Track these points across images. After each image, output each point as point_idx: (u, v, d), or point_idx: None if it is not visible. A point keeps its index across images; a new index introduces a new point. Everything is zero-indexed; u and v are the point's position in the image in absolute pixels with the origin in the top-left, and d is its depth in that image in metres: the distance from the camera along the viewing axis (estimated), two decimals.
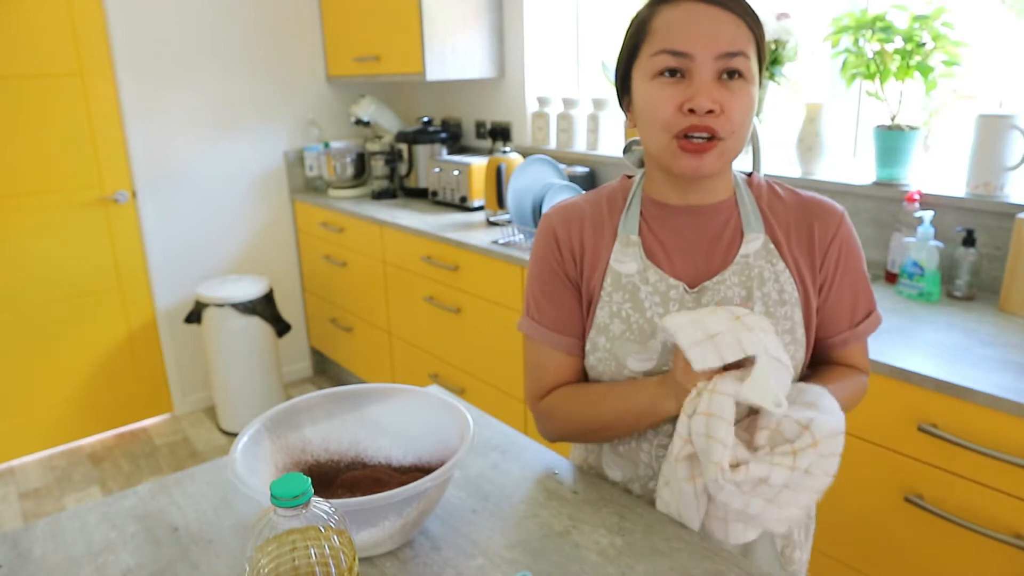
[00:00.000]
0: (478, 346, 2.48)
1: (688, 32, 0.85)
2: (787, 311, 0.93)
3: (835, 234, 0.96)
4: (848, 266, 0.97)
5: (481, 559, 0.86)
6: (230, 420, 3.13)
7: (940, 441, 1.32)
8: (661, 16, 0.87)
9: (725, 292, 0.93)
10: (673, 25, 0.86)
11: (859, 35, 1.86)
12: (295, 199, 3.44)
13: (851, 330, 0.99)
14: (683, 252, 0.96)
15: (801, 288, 0.95)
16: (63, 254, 2.91)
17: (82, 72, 2.82)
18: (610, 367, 0.96)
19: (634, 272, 0.95)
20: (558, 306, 1.01)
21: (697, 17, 0.85)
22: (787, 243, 0.95)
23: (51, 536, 0.92)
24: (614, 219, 0.99)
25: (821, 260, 0.96)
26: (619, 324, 0.95)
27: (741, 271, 0.94)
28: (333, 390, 1.02)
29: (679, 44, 0.85)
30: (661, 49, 0.86)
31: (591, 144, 2.74)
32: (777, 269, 0.94)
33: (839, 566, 1.55)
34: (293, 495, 0.62)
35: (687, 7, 0.86)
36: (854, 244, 0.98)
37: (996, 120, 1.70)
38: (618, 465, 1.02)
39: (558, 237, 1.00)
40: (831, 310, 0.98)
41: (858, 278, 0.99)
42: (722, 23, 0.85)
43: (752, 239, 0.95)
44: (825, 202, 0.97)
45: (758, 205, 0.97)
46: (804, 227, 0.96)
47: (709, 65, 0.85)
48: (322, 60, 3.42)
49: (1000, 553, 1.29)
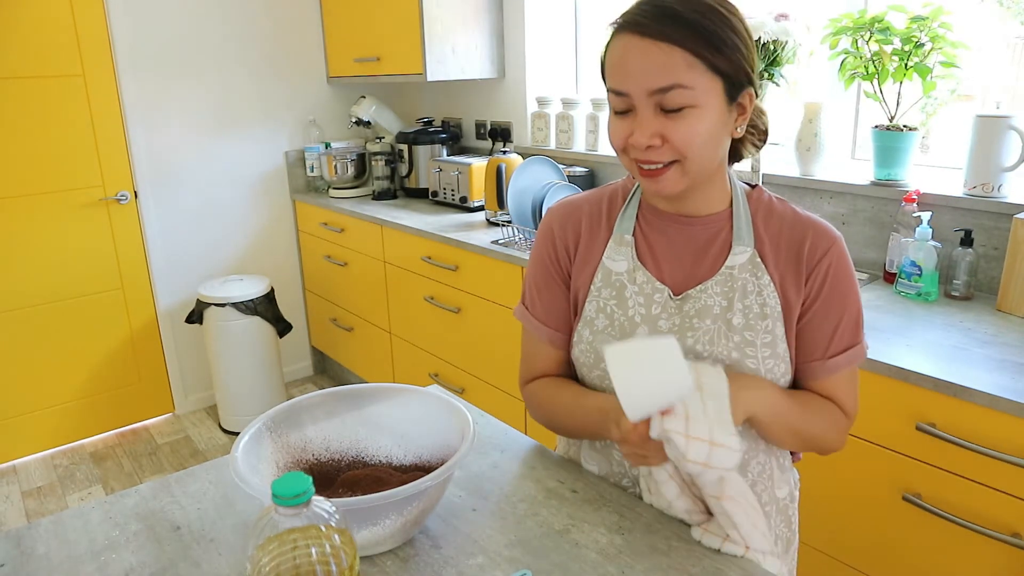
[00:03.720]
0: (478, 346, 2.48)
1: (624, 69, 0.85)
2: (768, 324, 0.93)
3: (823, 256, 0.93)
4: (834, 293, 0.93)
5: (481, 557, 0.87)
6: (231, 419, 3.13)
7: (938, 440, 1.33)
8: (609, 50, 0.88)
9: (706, 301, 0.94)
10: (613, 62, 0.87)
11: (857, 36, 1.87)
12: (296, 199, 3.44)
13: (821, 362, 0.95)
14: (672, 259, 0.97)
15: (784, 303, 0.94)
16: (65, 254, 2.92)
17: (84, 73, 2.83)
18: (589, 359, 0.99)
19: (624, 271, 0.98)
20: (547, 300, 1.05)
21: (630, 52, 0.84)
22: (775, 258, 0.94)
23: (54, 535, 0.92)
24: (612, 217, 1.02)
25: (806, 278, 0.93)
26: (603, 319, 0.98)
27: (724, 282, 0.94)
28: (334, 389, 1.02)
29: (617, 83, 0.86)
30: (608, 87, 0.88)
31: (591, 144, 2.75)
32: (762, 283, 0.93)
33: (837, 564, 1.55)
34: (294, 494, 0.62)
35: (625, 41, 0.85)
36: (845, 272, 0.94)
37: (994, 121, 1.71)
38: (595, 460, 1.05)
39: (555, 233, 1.04)
40: (808, 335, 0.95)
41: (846, 308, 0.94)
42: (650, 56, 0.82)
43: (739, 252, 0.94)
44: (821, 224, 0.95)
45: (753, 219, 0.96)
46: (795, 244, 0.94)
47: (645, 100, 0.84)
48: (323, 61, 3.42)
49: (998, 552, 1.30)
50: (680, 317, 0.95)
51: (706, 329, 0.93)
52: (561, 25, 2.95)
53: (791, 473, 1.06)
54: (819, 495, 1.53)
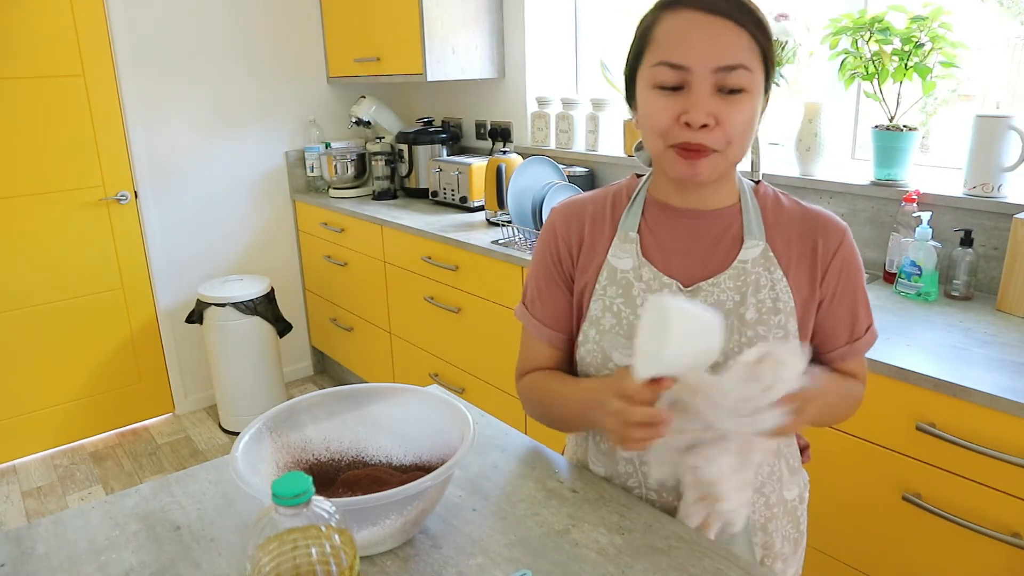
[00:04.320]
0: (478, 346, 2.48)
1: (686, 43, 0.84)
2: (781, 319, 0.93)
3: (837, 250, 0.95)
4: (848, 282, 0.97)
5: (481, 557, 0.87)
6: (231, 419, 3.13)
7: (938, 440, 1.33)
8: (663, 24, 0.86)
9: (719, 295, 0.93)
10: (672, 35, 0.85)
11: (857, 36, 1.87)
12: (296, 199, 3.44)
13: (849, 345, 0.99)
14: (681, 253, 0.97)
15: (798, 299, 0.94)
16: (65, 254, 2.92)
17: (84, 73, 2.83)
18: (596, 359, 0.98)
19: (629, 269, 0.97)
20: (548, 301, 1.05)
21: (696, 27, 0.84)
22: (788, 254, 0.95)
23: (54, 535, 0.92)
24: (616, 216, 1.01)
25: (822, 275, 0.95)
26: (610, 318, 0.97)
27: (737, 276, 0.94)
28: (334, 389, 1.02)
29: (676, 56, 0.84)
30: (660, 60, 0.86)
31: (591, 144, 2.75)
32: (774, 277, 0.94)
33: (837, 565, 1.55)
34: (294, 494, 0.62)
35: (687, 16, 0.84)
36: (855, 261, 0.97)
37: (994, 121, 1.71)
38: (601, 462, 1.04)
39: (557, 234, 1.04)
40: (831, 325, 0.98)
41: (858, 294, 0.98)
42: (721, 34, 0.83)
43: (752, 246, 0.94)
44: (830, 217, 0.97)
45: (762, 214, 0.97)
46: (808, 241, 0.95)
47: (706, 78, 0.83)
48: (323, 61, 3.42)
49: (998, 551, 1.30)
50: None
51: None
52: (561, 25, 2.95)
53: (801, 475, 1.06)
54: (819, 495, 1.52)
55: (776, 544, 1.02)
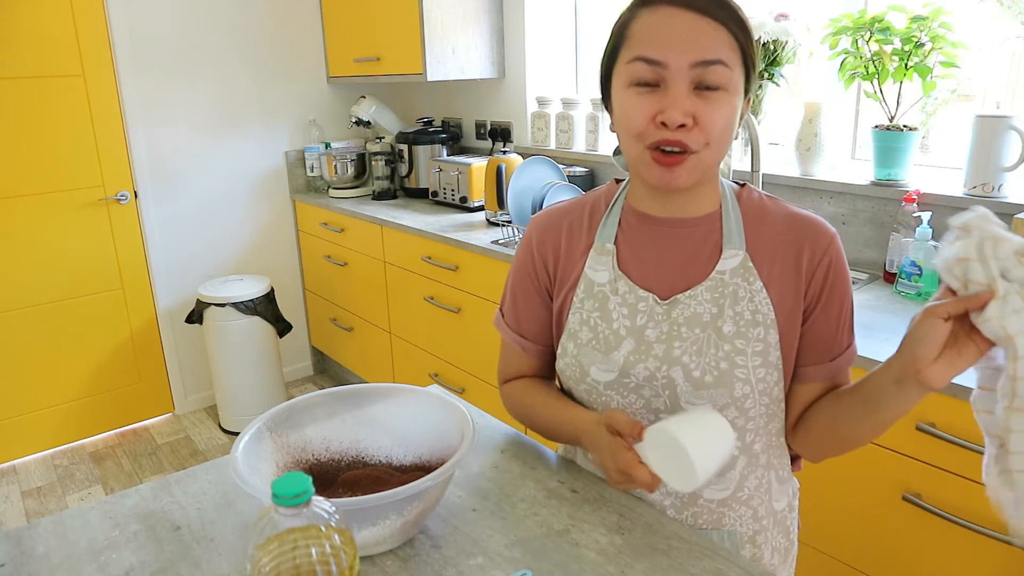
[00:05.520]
0: (478, 346, 2.48)
1: (663, 39, 0.81)
2: (760, 332, 0.89)
3: (823, 257, 0.90)
4: (834, 292, 0.91)
5: (481, 557, 0.87)
6: (231, 419, 3.13)
7: (938, 440, 1.33)
8: (639, 20, 0.84)
9: (696, 308, 0.90)
10: (649, 31, 0.82)
11: (857, 36, 1.87)
12: (296, 199, 3.45)
13: (827, 364, 0.93)
14: (658, 264, 0.94)
15: (780, 310, 0.90)
16: (65, 254, 2.92)
17: (84, 73, 2.83)
18: (575, 372, 0.97)
19: (605, 282, 0.95)
20: (523, 310, 1.05)
21: (673, 22, 0.81)
22: (770, 263, 0.91)
23: (54, 534, 0.92)
24: (594, 226, 0.99)
25: (807, 284, 0.91)
26: (587, 332, 0.96)
27: (715, 287, 0.90)
28: (334, 389, 1.02)
29: (653, 52, 0.81)
30: (636, 56, 0.83)
31: (591, 144, 2.75)
32: (754, 288, 0.90)
33: (837, 565, 1.55)
34: (294, 494, 0.62)
35: (665, 12, 0.82)
36: (842, 269, 0.92)
37: (994, 121, 1.70)
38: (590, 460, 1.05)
39: (534, 245, 1.03)
40: (813, 337, 0.92)
41: (843, 306, 0.92)
42: (700, 29, 0.80)
43: (730, 256, 0.91)
44: (817, 222, 0.92)
45: (744, 221, 0.93)
46: (792, 249, 0.91)
47: (684, 74, 0.80)
48: (323, 61, 3.43)
49: (998, 552, 1.30)
50: (668, 324, 0.91)
51: (695, 338, 0.89)
52: (561, 25, 2.95)
53: (790, 483, 1.03)
54: (819, 495, 1.53)
55: (765, 556, 1.00)
